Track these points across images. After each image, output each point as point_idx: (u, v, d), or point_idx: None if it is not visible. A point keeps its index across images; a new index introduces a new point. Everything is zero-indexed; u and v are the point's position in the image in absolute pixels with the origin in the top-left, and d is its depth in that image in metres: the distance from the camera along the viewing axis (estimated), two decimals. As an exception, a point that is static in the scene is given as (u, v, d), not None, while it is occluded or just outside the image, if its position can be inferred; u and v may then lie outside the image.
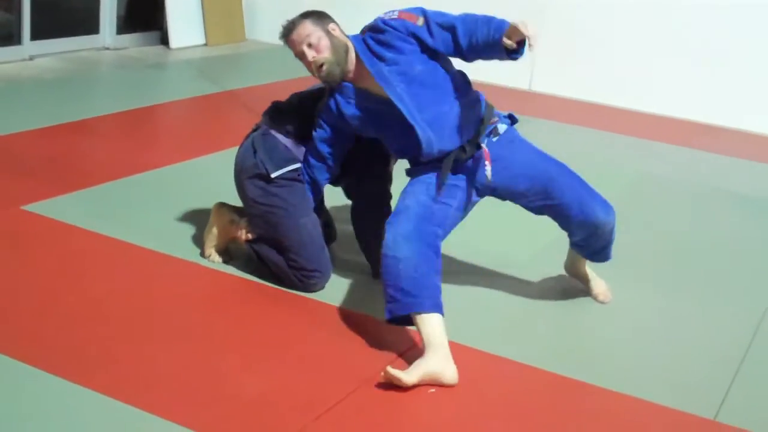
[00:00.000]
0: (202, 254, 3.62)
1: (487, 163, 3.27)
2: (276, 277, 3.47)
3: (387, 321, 3.05)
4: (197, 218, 3.94)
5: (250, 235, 3.51)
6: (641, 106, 7.48)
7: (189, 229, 3.85)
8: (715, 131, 7.12)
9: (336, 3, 8.01)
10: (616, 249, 3.58)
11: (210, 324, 3.14)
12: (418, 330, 2.98)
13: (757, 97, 7.17)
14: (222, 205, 3.62)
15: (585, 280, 3.69)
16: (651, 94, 7.47)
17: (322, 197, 3.65)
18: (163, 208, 4.12)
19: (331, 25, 3.28)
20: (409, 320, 3.01)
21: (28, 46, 6.82)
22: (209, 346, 2.97)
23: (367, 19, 3.29)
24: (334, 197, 3.87)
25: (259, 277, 3.51)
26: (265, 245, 3.47)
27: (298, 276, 3.40)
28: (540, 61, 7.83)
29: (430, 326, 2.95)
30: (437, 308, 2.98)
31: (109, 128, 5.51)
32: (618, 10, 7.51)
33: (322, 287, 3.45)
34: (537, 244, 4.21)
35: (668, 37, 7.39)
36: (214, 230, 3.58)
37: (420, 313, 2.95)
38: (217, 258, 3.59)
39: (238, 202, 3.59)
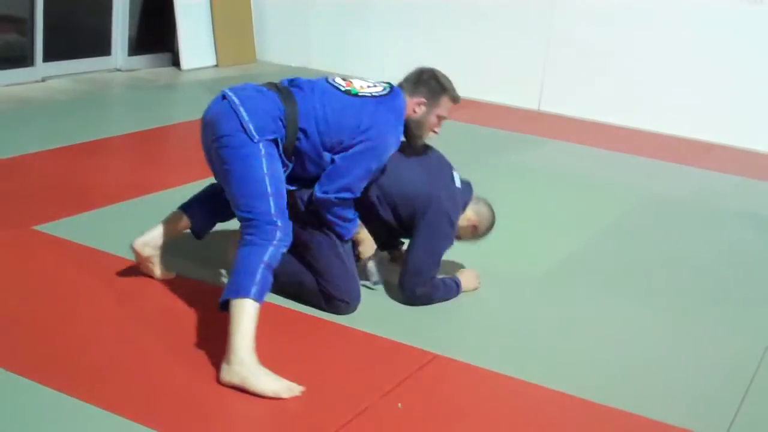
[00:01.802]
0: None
1: None
2: (298, 295, 3.48)
3: None
4: (209, 239, 3.95)
5: None
6: (651, 126, 7.49)
7: (200, 250, 3.87)
8: (724, 151, 7.13)
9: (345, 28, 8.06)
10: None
11: (219, 343, 3.14)
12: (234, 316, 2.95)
13: (765, 117, 7.18)
14: None
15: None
16: (660, 113, 7.48)
17: None
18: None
19: None
20: None
21: (41, 67, 6.88)
22: (218, 365, 2.98)
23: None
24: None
25: (273, 292, 3.51)
26: (294, 262, 3.48)
27: (326, 301, 3.43)
28: (549, 82, 7.86)
29: None
30: None
31: (121, 149, 5.54)
32: (627, 30, 7.53)
33: (348, 313, 3.47)
34: (551, 261, 4.22)
35: (677, 57, 7.41)
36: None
37: None
38: None
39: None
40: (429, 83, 3.50)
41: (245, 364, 2.80)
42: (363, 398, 2.87)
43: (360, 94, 3.37)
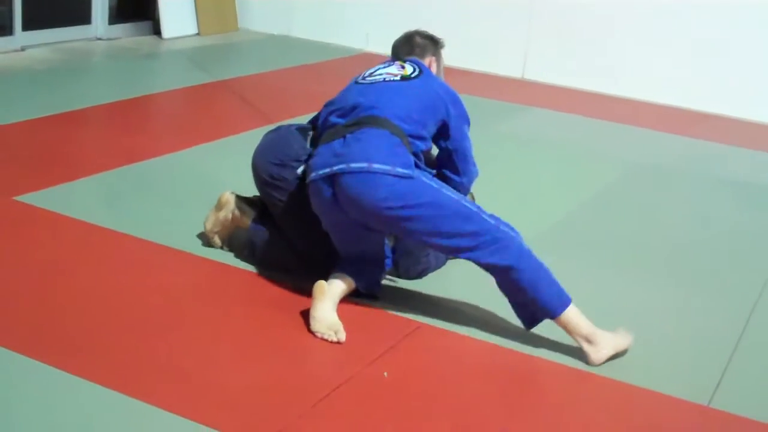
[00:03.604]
0: (207, 242, 3.61)
1: None
2: (275, 258, 3.47)
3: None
4: (191, 208, 3.93)
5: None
6: (635, 94, 7.47)
7: (182, 219, 3.85)
8: (710, 119, 7.12)
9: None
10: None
11: (205, 313, 3.13)
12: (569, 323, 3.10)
13: (752, 85, 7.17)
14: (233, 194, 3.59)
15: None
16: (645, 82, 7.46)
17: None
18: (156, 198, 4.12)
19: None
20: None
21: (20, 36, 6.80)
22: (204, 335, 2.97)
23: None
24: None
25: (256, 265, 3.51)
26: (269, 227, 3.48)
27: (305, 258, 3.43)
28: (533, 49, 7.83)
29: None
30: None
31: (102, 119, 5.50)
32: (611, -3, 7.51)
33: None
34: (536, 230, 4.21)
35: (662, 24, 7.38)
36: (222, 216, 3.56)
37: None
38: (218, 242, 3.59)
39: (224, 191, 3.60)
40: (425, 42, 3.56)
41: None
42: (348, 367, 2.87)
43: (412, 76, 3.32)
